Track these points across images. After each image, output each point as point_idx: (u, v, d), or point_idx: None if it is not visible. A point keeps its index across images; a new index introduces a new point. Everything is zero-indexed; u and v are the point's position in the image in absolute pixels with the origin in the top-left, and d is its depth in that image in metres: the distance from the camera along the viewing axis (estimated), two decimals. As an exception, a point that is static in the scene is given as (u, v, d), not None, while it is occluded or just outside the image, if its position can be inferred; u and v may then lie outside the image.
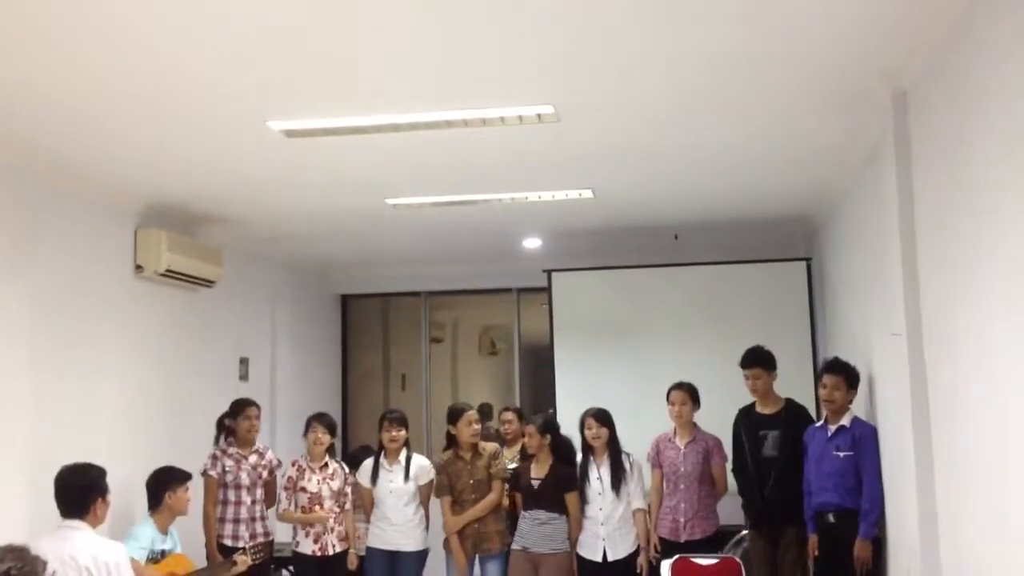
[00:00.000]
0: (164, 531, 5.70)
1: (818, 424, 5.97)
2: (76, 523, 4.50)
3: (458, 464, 6.47)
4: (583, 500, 6.31)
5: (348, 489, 6.61)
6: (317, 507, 6.47)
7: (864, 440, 5.59)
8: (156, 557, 5.51)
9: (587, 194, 6.69)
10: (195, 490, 6.08)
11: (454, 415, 6.55)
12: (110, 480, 4.72)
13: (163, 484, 5.78)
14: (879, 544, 5.64)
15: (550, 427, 6.51)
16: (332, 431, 6.65)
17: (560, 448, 6.48)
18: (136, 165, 5.71)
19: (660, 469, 6.49)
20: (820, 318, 7.98)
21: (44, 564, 3.04)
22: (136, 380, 6.65)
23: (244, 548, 6.05)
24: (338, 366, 10.48)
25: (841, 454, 5.66)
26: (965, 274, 3.95)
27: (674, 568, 5.36)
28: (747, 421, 6.39)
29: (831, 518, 5.71)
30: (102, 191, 6.15)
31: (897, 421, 5.10)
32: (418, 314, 10.42)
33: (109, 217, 6.42)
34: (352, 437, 10.09)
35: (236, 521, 6.41)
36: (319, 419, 6.65)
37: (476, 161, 5.88)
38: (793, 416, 6.31)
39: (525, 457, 6.65)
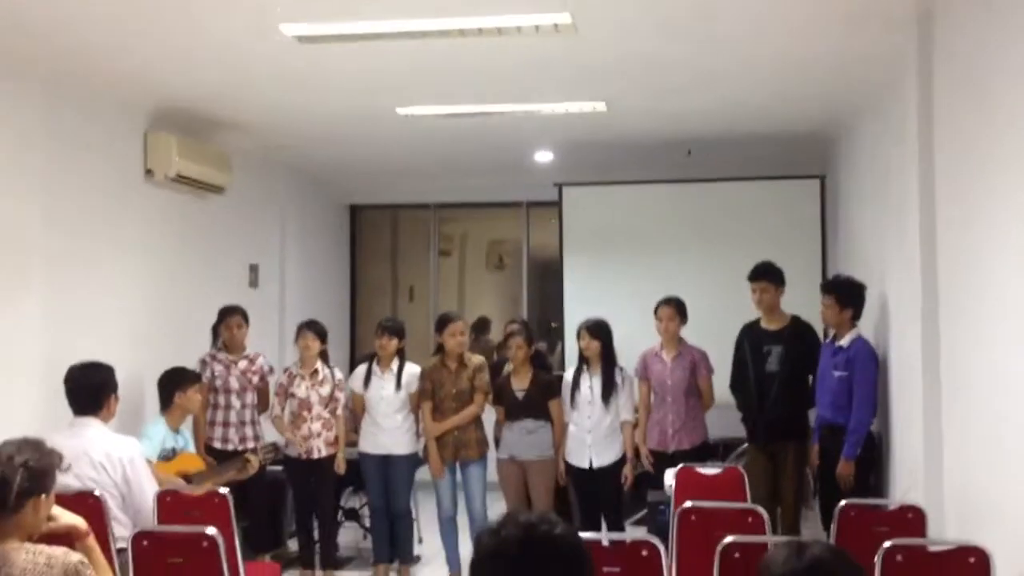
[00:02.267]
0: (175, 430, 5.77)
1: (828, 340, 6.00)
2: (89, 420, 4.57)
3: (442, 372, 6.52)
4: (572, 407, 6.40)
5: (339, 395, 6.68)
6: (305, 412, 6.54)
7: (858, 361, 5.62)
8: (168, 455, 5.59)
9: (600, 107, 6.62)
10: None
11: (441, 323, 6.60)
12: (120, 380, 4.78)
13: (174, 384, 5.85)
14: (876, 462, 5.71)
15: (532, 338, 6.63)
16: (323, 338, 6.68)
17: (538, 357, 6.68)
18: (146, 66, 5.65)
19: (648, 382, 6.55)
20: (832, 236, 7.96)
21: (60, 457, 3.07)
22: (146, 284, 6.68)
23: (255, 448, 6.14)
24: (347, 275, 10.51)
25: (837, 373, 5.71)
26: (982, 195, 3.93)
27: (678, 476, 5.43)
28: (751, 336, 6.42)
29: (826, 432, 5.79)
30: (112, 92, 6.09)
31: (907, 342, 5.12)
32: (427, 226, 10.41)
33: (119, 119, 6.38)
34: (360, 346, 10.17)
35: (225, 424, 6.51)
36: (309, 326, 6.69)
37: (489, 71, 5.80)
38: (798, 333, 6.32)
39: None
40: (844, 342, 5.73)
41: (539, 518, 1.89)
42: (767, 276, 6.35)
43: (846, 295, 5.76)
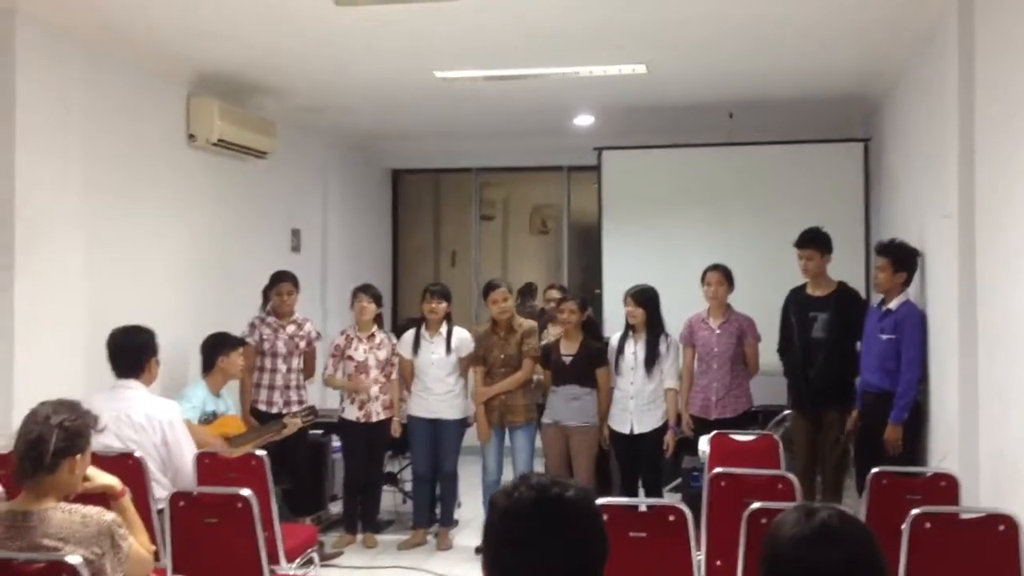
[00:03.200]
0: (216, 393, 5.86)
1: (875, 306, 5.93)
2: (130, 382, 4.65)
3: (492, 338, 6.57)
4: (617, 373, 6.40)
5: (395, 359, 6.74)
6: (363, 376, 6.62)
7: (907, 324, 5.55)
8: (208, 418, 5.68)
9: (640, 69, 6.55)
10: (243, 358, 6.24)
11: (485, 291, 6.66)
12: (162, 344, 4.86)
13: (216, 348, 5.93)
14: (918, 428, 5.64)
15: (585, 304, 6.62)
16: (378, 301, 6.75)
17: (589, 325, 6.60)
18: (188, 31, 5.69)
19: (693, 348, 6.53)
20: (875, 201, 7.84)
21: (96, 418, 3.14)
22: (189, 247, 6.77)
23: (294, 412, 6.22)
24: (389, 240, 10.56)
25: (884, 336, 5.63)
26: (1022, 155, 3.85)
27: (712, 443, 5.42)
28: (797, 302, 6.36)
29: (871, 398, 5.72)
30: (154, 56, 6.14)
31: (944, 304, 5.06)
32: (469, 190, 10.41)
33: (162, 83, 6.44)
34: (402, 311, 10.23)
35: (271, 388, 6.59)
36: (364, 290, 6.76)
37: (526, 34, 5.77)
38: (844, 299, 6.25)
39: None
40: (892, 305, 5.65)
41: (552, 480, 1.91)
42: (814, 243, 6.28)
43: (901, 258, 5.68)
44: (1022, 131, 3.83)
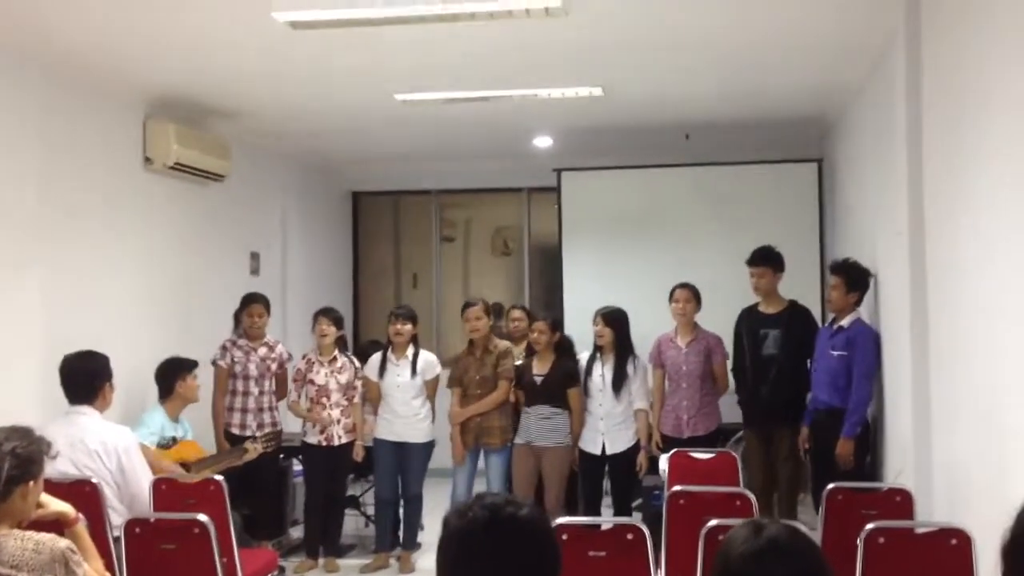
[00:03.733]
0: (175, 418, 5.81)
1: (826, 324, 6.02)
2: (84, 408, 4.61)
3: (468, 359, 6.58)
4: (586, 395, 6.41)
5: (357, 383, 6.72)
6: (324, 399, 6.61)
7: (858, 341, 5.64)
8: (167, 443, 5.63)
9: (597, 91, 6.62)
10: (204, 379, 6.20)
11: (462, 310, 6.67)
12: (120, 370, 4.82)
13: (173, 372, 5.89)
14: (870, 445, 5.72)
15: (557, 325, 6.61)
16: (339, 324, 6.74)
17: (562, 345, 6.59)
18: (142, 55, 5.67)
19: (662, 368, 6.57)
20: (830, 220, 7.95)
21: (49, 444, 3.11)
22: (147, 272, 6.72)
23: (255, 436, 6.19)
24: (349, 262, 10.54)
25: (836, 353, 5.72)
26: (971, 175, 3.93)
27: (672, 461, 5.46)
28: (749, 320, 6.44)
29: (821, 415, 5.79)
30: (110, 80, 6.10)
31: (897, 320, 5.13)
32: (429, 212, 10.42)
33: (118, 108, 6.41)
34: (363, 333, 10.20)
35: (244, 411, 6.57)
36: (325, 313, 6.75)
37: (484, 57, 5.81)
38: (795, 317, 6.34)
39: (532, 354, 6.73)
40: (845, 323, 5.75)
41: (506, 500, 1.93)
42: (766, 261, 6.37)
43: (855, 278, 5.78)
44: (969, 148, 3.91)
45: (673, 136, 8.04)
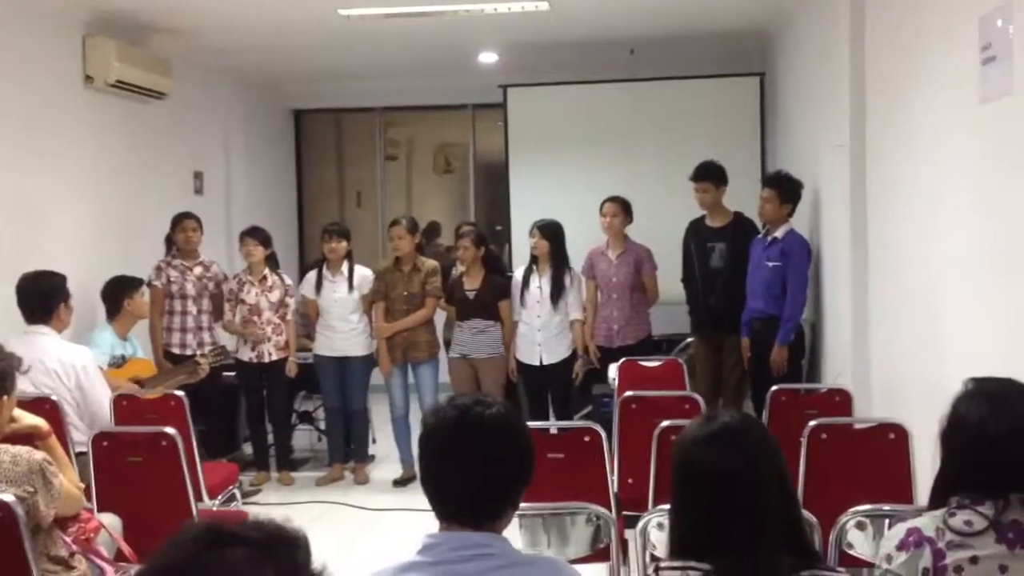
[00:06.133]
0: (123, 337, 5.82)
1: (759, 236, 6.17)
2: (41, 328, 4.62)
3: (395, 275, 6.64)
4: (522, 306, 6.56)
5: (289, 300, 6.78)
6: (256, 318, 6.66)
7: (792, 251, 5.81)
8: (117, 362, 5.65)
9: (543, 6, 6.61)
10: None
11: (388, 227, 6.73)
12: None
13: (121, 291, 5.87)
14: (804, 350, 5.94)
15: (483, 239, 6.74)
16: (266, 244, 6.74)
17: (491, 259, 6.77)
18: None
19: (594, 280, 6.72)
20: (771, 133, 8.08)
21: (20, 360, 3.16)
22: (90, 191, 6.65)
23: (204, 352, 6.23)
24: (293, 182, 10.47)
25: (770, 264, 5.89)
26: (911, 87, 4.05)
27: (621, 369, 5.62)
28: (696, 233, 6.58)
29: (758, 324, 5.98)
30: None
31: (837, 230, 5.29)
32: (373, 130, 10.37)
33: (56, 25, 6.27)
34: (308, 252, 10.19)
35: (183, 330, 6.60)
36: (250, 233, 6.76)
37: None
38: (740, 229, 6.48)
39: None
40: (779, 234, 5.90)
41: (475, 400, 2.05)
42: (708, 176, 6.48)
43: (788, 190, 5.91)
44: (912, 61, 4.02)
45: (618, 51, 8.07)
